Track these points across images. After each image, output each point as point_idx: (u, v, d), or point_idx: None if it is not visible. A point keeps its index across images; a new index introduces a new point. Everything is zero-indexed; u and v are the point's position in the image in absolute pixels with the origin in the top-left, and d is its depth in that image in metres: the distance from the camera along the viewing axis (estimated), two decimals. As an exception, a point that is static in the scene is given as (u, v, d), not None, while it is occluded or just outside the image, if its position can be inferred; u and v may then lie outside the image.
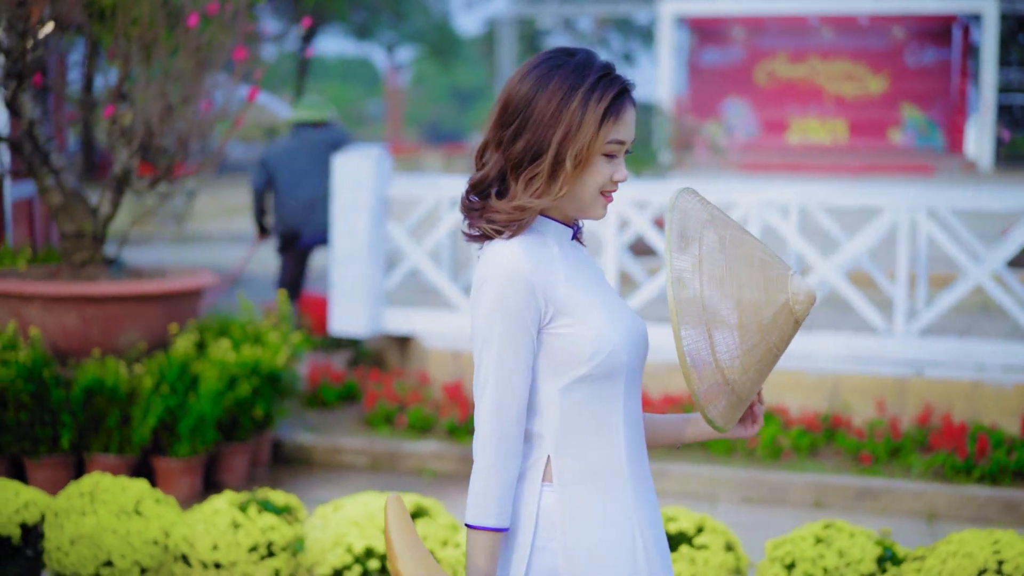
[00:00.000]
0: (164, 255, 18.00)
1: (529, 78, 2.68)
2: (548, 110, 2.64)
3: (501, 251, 2.64)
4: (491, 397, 2.63)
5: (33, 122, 7.73)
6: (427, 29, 42.06)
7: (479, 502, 2.63)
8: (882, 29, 33.97)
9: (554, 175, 2.65)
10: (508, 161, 2.68)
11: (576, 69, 2.67)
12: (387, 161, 9.42)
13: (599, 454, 2.71)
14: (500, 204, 2.67)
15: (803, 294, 2.71)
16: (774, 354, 2.73)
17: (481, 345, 2.65)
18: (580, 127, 2.63)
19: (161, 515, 5.34)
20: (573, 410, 2.69)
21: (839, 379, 8.31)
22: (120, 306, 7.56)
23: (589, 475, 2.70)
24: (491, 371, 2.63)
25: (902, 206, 8.41)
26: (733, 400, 2.71)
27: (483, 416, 2.65)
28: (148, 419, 7.21)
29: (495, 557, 2.65)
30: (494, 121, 2.71)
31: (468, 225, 2.74)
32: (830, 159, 31.87)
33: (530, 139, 2.65)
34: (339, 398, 8.97)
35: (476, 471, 2.65)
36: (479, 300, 2.64)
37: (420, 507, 5.27)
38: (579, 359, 2.66)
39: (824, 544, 4.96)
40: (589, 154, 2.65)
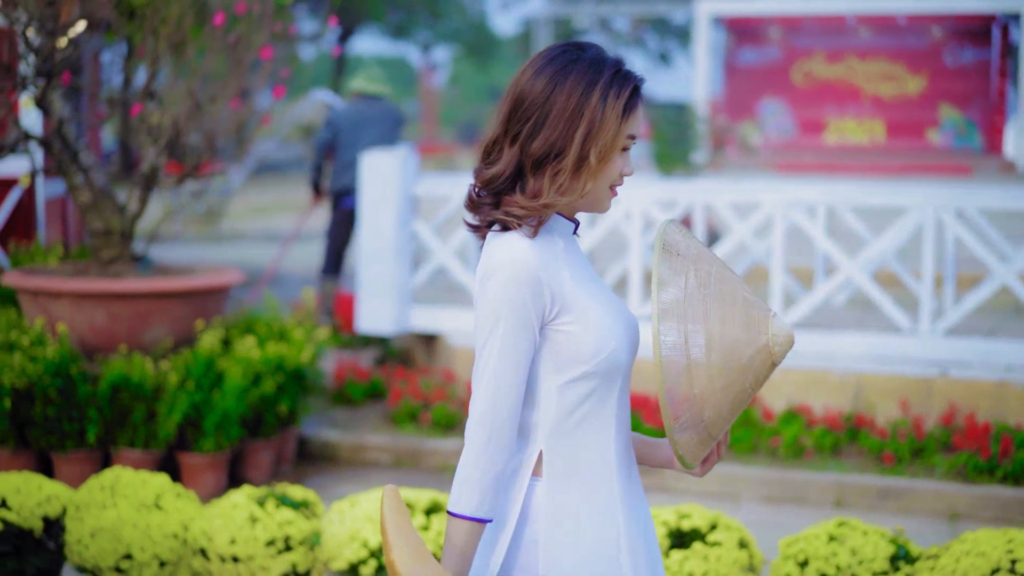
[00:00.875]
0: (198, 253, 18.11)
1: (544, 74, 2.68)
2: (568, 106, 2.65)
3: (511, 245, 2.65)
4: (488, 389, 2.64)
5: (63, 121, 7.80)
6: (463, 29, 42.11)
7: (463, 491, 2.65)
8: (920, 29, 33.76)
9: (578, 171, 2.67)
10: (528, 157, 2.67)
11: (592, 64, 2.69)
12: (413, 160, 9.47)
13: (590, 451, 2.73)
14: (522, 200, 2.67)
15: (782, 336, 2.72)
16: (748, 394, 2.74)
17: (485, 336, 2.65)
18: (602, 123, 2.65)
19: (181, 509, 5.39)
20: (570, 406, 2.71)
21: (863, 379, 8.30)
22: (147, 303, 7.63)
23: (578, 471, 2.72)
24: (491, 363, 2.64)
25: (928, 205, 8.39)
26: (704, 437, 2.71)
27: (478, 406, 2.66)
28: (173, 415, 7.28)
29: (473, 545, 2.66)
30: (505, 116, 2.71)
31: (473, 216, 2.75)
32: (867, 159, 31.70)
33: (550, 135, 2.65)
34: (365, 395, 9.02)
35: (465, 459, 2.66)
36: (486, 291, 2.65)
37: (436, 503, 5.30)
38: (581, 357, 2.68)
39: (837, 542, 4.96)
40: (611, 149, 2.68)
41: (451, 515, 2.67)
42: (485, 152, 2.75)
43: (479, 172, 2.75)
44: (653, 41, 41.34)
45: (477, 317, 2.69)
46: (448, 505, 2.67)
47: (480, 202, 2.73)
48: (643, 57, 41.05)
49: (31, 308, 7.73)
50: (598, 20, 36.58)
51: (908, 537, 6.76)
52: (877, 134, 34.49)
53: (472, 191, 2.76)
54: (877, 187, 9.41)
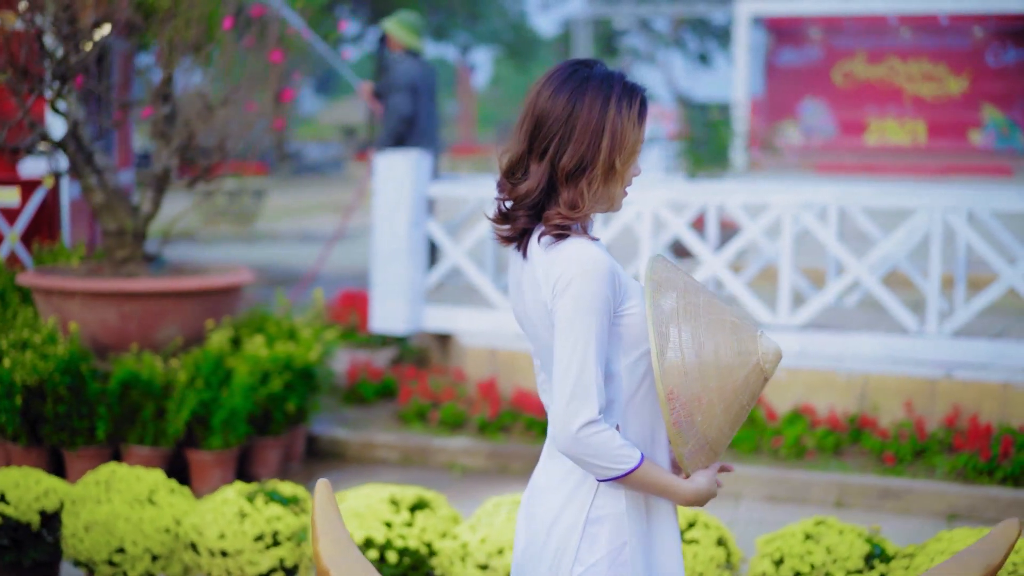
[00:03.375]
0: (230, 253, 18.28)
1: (562, 93, 2.92)
2: (592, 120, 2.90)
3: (584, 250, 2.87)
4: (580, 382, 2.83)
5: (78, 123, 7.95)
6: (502, 30, 42.21)
7: (613, 458, 2.85)
8: (962, 29, 33.57)
9: (608, 179, 2.94)
10: (560, 171, 2.91)
11: (603, 80, 2.94)
12: (427, 162, 9.56)
13: (650, 422, 3.01)
14: (564, 210, 2.92)
15: (771, 353, 2.98)
16: (746, 411, 3.01)
17: (572, 338, 2.84)
18: (623, 133, 2.92)
19: (173, 504, 5.50)
20: (636, 383, 2.97)
21: (870, 379, 8.33)
22: (158, 302, 7.76)
23: (644, 441, 2.99)
24: (578, 358, 2.83)
25: (936, 208, 8.41)
26: (709, 454, 3.00)
27: (584, 390, 2.83)
28: (182, 412, 7.40)
29: (660, 472, 2.93)
30: (528, 134, 2.95)
31: (504, 228, 3.00)
32: (908, 160, 31.55)
33: (578, 148, 2.90)
34: (377, 394, 9.13)
35: (586, 443, 2.84)
36: (572, 294, 2.84)
37: (422, 499, 5.39)
38: (643, 336, 2.94)
39: (813, 541, 5.02)
40: (633, 155, 2.96)
41: (628, 475, 2.88)
42: (510, 170, 2.98)
43: (506, 187, 2.99)
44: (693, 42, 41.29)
45: (563, 317, 2.85)
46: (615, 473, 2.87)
47: (514, 215, 2.97)
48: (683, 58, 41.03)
49: (45, 307, 7.87)
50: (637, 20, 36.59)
51: (906, 537, 6.82)
52: (918, 135, 34.31)
53: (501, 205, 3.00)
54: (888, 189, 9.43)
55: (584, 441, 2.83)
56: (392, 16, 10.76)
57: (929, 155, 32.56)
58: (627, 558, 2.96)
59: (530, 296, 2.98)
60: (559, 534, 2.98)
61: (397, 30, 10.49)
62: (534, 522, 3.06)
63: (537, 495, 3.08)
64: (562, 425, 2.83)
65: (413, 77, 10.22)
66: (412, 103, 10.17)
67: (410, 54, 10.42)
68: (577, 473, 2.98)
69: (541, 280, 2.92)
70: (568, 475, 3.00)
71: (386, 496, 5.34)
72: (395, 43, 10.58)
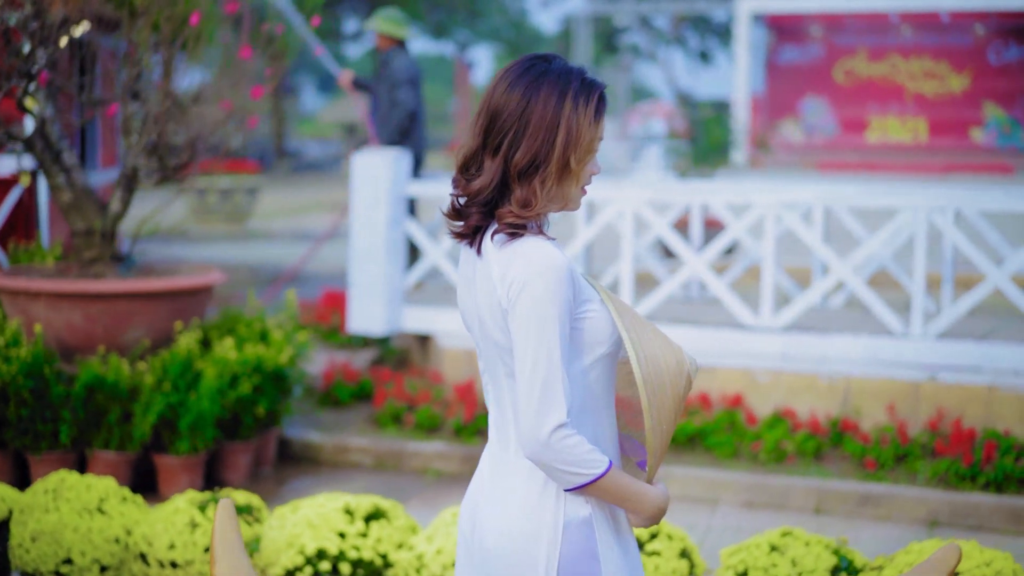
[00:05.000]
0: (223, 252, 18.14)
1: (517, 87, 2.83)
2: (546, 116, 2.80)
3: (539, 250, 2.78)
4: (548, 386, 2.73)
5: (45, 120, 7.80)
6: (503, 27, 42.02)
7: (582, 463, 2.74)
8: (964, 26, 33.37)
9: (562, 177, 2.84)
10: (513, 167, 2.81)
11: (560, 75, 2.84)
12: (405, 161, 9.41)
13: (604, 427, 2.92)
14: (515, 209, 2.82)
15: (695, 363, 2.98)
16: (677, 423, 2.98)
17: (534, 342, 2.74)
18: (578, 130, 2.82)
19: (124, 513, 5.36)
20: (590, 387, 2.87)
21: (852, 382, 8.18)
22: (124, 303, 7.61)
23: (596, 445, 2.87)
24: (543, 362, 2.74)
25: (920, 207, 8.24)
26: (659, 463, 2.97)
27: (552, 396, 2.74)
28: (148, 416, 7.25)
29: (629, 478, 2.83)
30: (482, 130, 2.85)
31: (457, 224, 2.89)
32: (910, 158, 31.37)
33: (531, 145, 2.80)
34: (353, 397, 8.97)
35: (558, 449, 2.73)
36: (529, 296, 2.75)
37: (378, 509, 5.24)
38: (602, 339, 2.86)
39: (778, 552, 4.86)
40: (587, 152, 2.85)
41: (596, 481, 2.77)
42: (464, 165, 2.88)
43: (460, 183, 2.89)
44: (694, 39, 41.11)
45: (521, 320, 2.76)
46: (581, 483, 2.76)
47: (467, 212, 2.87)
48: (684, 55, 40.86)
49: (11, 309, 7.73)
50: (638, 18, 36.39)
51: (885, 545, 6.67)
52: (920, 133, 34.10)
53: (455, 201, 2.89)
54: (872, 189, 9.27)
55: (555, 447, 2.72)
56: (374, 15, 10.71)
57: (930, 153, 32.37)
58: (599, 566, 2.85)
59: (483, 294, 2.87)
60: (522, 545, 2.85)
61: (384, 25, 10.47)
62: (489, 536, 2.91)
63: (488, 506, 2.94)
64: (532, 431, 2.73)
65: (414, 72, 10.31)
66: (415, 97, 10.27)
67: (401, 47, 10.40)
68: (537, 480, 2.85)
69: (496, 279, 2.82)
70: (527, 482, 2.87)
71: (341, 505, 5.19)
72: (385, 39, 10.54)
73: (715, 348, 8.50)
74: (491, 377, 2.97)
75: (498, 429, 2.97)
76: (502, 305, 2.81)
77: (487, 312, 2.87)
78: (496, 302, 2.83)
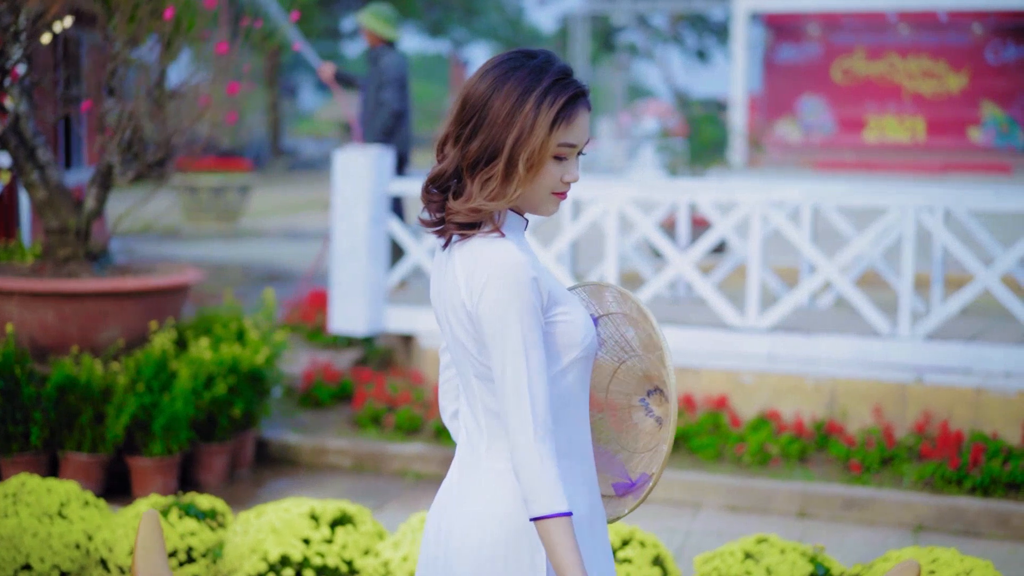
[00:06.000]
0: (214, 251, 18.02)
1: (487, 78, 2.72)
2: (502, 112, 2.68)
3: (497, 249, 2.68)
4: (527, 390, 2.64)
5: (19, 116, 7.68)
6: (499, 26, 41.88)
7: (546, 490, 2.61)
8: (962, 26, 33.26)
9: (508, 177, 2.69)
10: (464, 159, 2.71)
11: (533, 72, 2.71)
12: (387, 159, 9.28)
13: (577, 431, 2.81)
14: (456, 205, 2.70)
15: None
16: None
17: (502, 342, 2.65)
18: (532, 131, 2.67)
19: (85, 518, 5.24)
20: (564, 393, 2.77)
21: (838, 384, 8.06)
22: (98, 303, 7.49)
23: (571, 451, 2.79)
24: (521, 365, 2.64)
25: (908, 207, 8.12)
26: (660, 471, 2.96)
27: (523, 410, 2.64)
28: (121, 417, 7.13)
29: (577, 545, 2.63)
30: (454, 116, 2.74)
31: (424, 211, 2.80)
32: (907, 158, 31.27)
33: (484, 139, 2.69)
34: (334, 398, 8.84)
35: (527, 463, 2.62)
36: (490, 299, 2.65)
37: (345, 514, 5.12)
38: (574, 342, 2.75)
39: (753, 560, 4.74)
40: (540, 158, 2.69)
41: (549, 518, 2.61)
42: (438, 149, 2.80)
43: (431, 169, 2.79)
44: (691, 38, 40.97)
45: (487, 325, 2.67)
46: (539, 512, 2.61)
47: (430, 198, 2.78)
48: (681, 54, 40.72)
49: (-16, 308, 7.61)
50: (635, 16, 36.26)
51: (870, 549, 6.54)
52: (918, 132, 33.97)
53: (424, 186, 2.79)
54: (860, 188, 9.15)
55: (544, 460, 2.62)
56: (365, 10, 10.54)
57: (928, 152, 32.25)
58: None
59: (449, 292, 2.77)
60: (500, 552, 2.74)
61: (373, 22, 10.32)
62: (457, 541, 2.79)
63: (457, 510, 2.82)
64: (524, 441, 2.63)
65: (402, 71, 10.17)
66: (401, 98, 10.13)
67: (390, 45, 10.27)
68: (509, 481, 2.74)
69: (460, 280, 2.72)
70: (497, 484, 2.76)
71: (306, 510, 5.06)
72: (373, 37, 10.40)
73: (700, 349, 8.38)
74: (461, 375, 2.85)
75: (468, 431, 2.86)
76: (466, 307, 2.72)
77: (451, 310, 2.77)
78: (460, 302, 2.73)
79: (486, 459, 2.79)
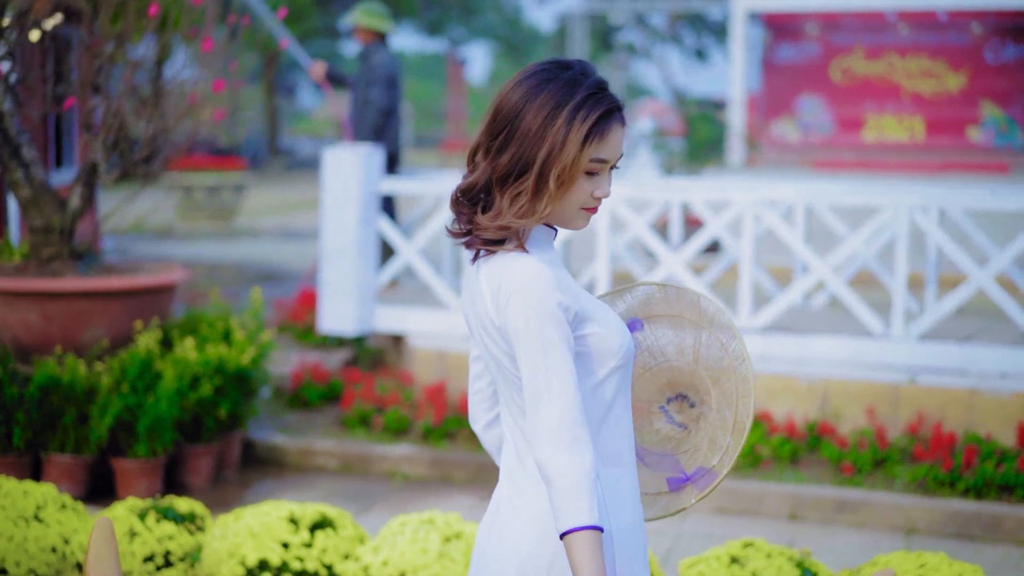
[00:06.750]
0: (208, 250, 17.94)
1: (520, 88, 2.67)
2: (534, 125, 2.63)
3: (521, 266, 2.65)
4: (559, 401, 2.60)
5: (3, 114, 7.59)
6: (497, 25, 41.78)
7: (575, 503, 2.54)
8: (961, 25, 33.21)
9: (538, 193, 2.65)
10: (494, 172, 2.67)
11: (566, 85, 2.66)
12: (377, 157, 9.20)
13: (621, 440, 2.78)
14: (485, 220, 2.67)
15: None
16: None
17: (528, 356, 2.62)
18: (563, 146, 2.62)
19: (62, 521, 5.15)
20: (606, 403, 2.74)
21: (831, 385, 7.97)
22: (82, 302, 7.41)
23: (617, 458, 2.77)
24: (552, 377, 2.61)
25: (902, 206, 8.04)
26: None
27: (552, 421, 2.59)
28: (105, 418, 7.05)
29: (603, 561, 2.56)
30: (485, 126, 2.72)
31: (454, 222, 2.76)
32: (906, 157, 31.23)
33: (515, 153, 2.65)
34: (322, 398, 8.75)
35: (559, 474, 2.56)
36: (515, 315, 2.63)
37: (325, 517, 5.04)
38: (610, 351, 2.72)
39: (739, 565, 4.66)
40: (572, 174, 2.64)
41: (575, 532, 2.53)
42: (469, 159, 2.76)
43: (463, 179, 2.77)
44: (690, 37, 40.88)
45: (514, 340, 2.65)
46: (567, 526, 2.53)
47: (459, 208, 2.74)
48: (680, 54, 40.63)
49: (-34, 308, 7.52)
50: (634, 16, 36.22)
51: (861, 553, 6.46)
52: (917, 132, 33.90)
53: (454, 196, 2.76)
54: (853, 187, 9.07)
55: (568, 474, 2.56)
56: (354, 9, 10.47)
57: (927, 152, 32.19)
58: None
59: (478, 304, 2.75)
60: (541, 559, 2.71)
61: (366, 19, 10.27)
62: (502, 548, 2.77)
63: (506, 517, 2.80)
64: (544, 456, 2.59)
65: (392, 70, 10.09)
66: (390, 96, 10.06)
67: (381, 43, 10.20)
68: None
69: (487, 296, 2.70)
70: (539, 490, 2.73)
71: (285, 514, 4.98)
72: (366, 33, 10.33)
73: (692, 349, 8.28)
74: (500, 389, 2.82)
75: (515, 442, 2.82)
76: (495, 323, 2.70)
77: (481, 326, 2.76)
78: (489, 318, 2.71)
79: (534, 471, 2.75)
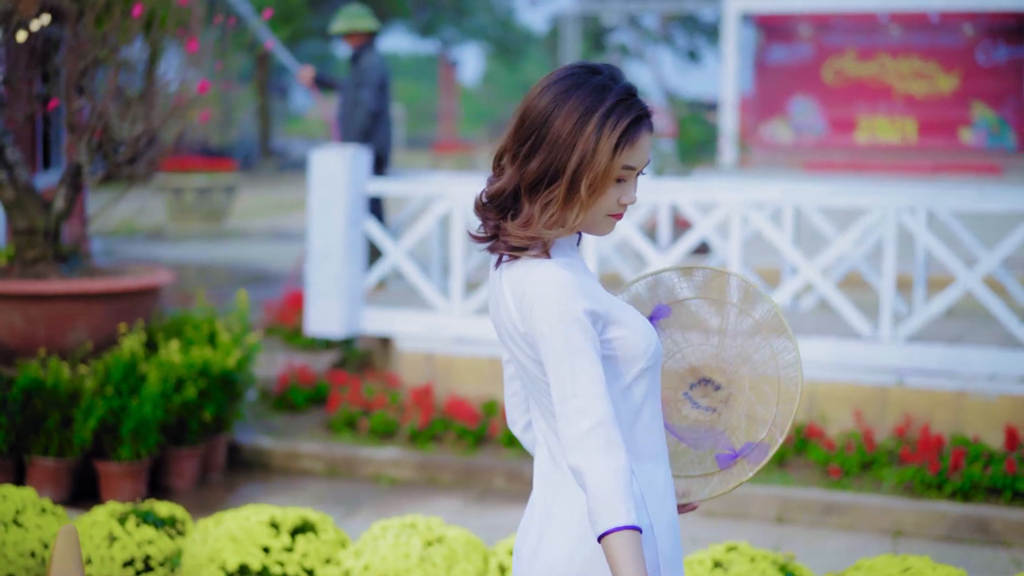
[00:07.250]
0: (198, 252, 17.90)
1: (548, 94, 2.64)
2: (563, 131, 2.60)
3: (544, 272, 2.62)
4: (589, 406, 2.57)
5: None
6: (490, 26, 41.72)
7: (613, 505, 2.50)
8: (953, 26, 33.17)
9: (569, 201, 2.62)
10: (523, 179, 2.65)
11: (595, 90, 2.63)
12: (364, 158, 9.17)
13: (653, 437, 2.78)
14: (514, 228, 2.65)
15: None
16: None
17: (562, 362, 2.59)
18: (595, 154, 2.60)
19: (42, 526, 5.11)
20: (636, 405, 2.73)
21: (818, 387, 7.95)
22: (66, 305, 7.38)
23: (650, 455, 2.76)
24: (580, 382, 2.58)
25: (889, 207, 8.02)
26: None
27: (583, 425, 2.56)
28: (89, 421, 7.02)
29: (643, 560, 2.51)
30: (512, 131, 2.68)
31: (481, 228, 2.74)
32: (898, 158, 31.18)
33: (545, 159, 2.62)
34: (308, 401, 8.72)
35: (594, 477, 2.52)
36: (539, 321, 2.61)
37: (307, 522, 5.01)
38: (637, 354, 2.70)
39: (722, 569, 4.63)
40: (603, 181, 2.62)
41: (612, 533, 2.49)
42: (495, 163, 2.74)
43: (489, 180, 2.74)
44: (682, 38, 40.84)
45: (540, 347, 2.62)
46: (603, 528, 2.49)
47: (485, 214, 2.72)
48: (672, 54, 40.58)
49: (-50, 310, 7.49)
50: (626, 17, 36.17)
51: (848, 555, 6.44)
52: (909, 133, 33.87)
53: (479, 200, 2.73)
54: (840, 188, 9.04)
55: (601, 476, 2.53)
56: (337, 17, 10.42)
57: (919, 153, 32.15)
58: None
59: (502, 311, 2.73)
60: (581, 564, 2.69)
61: (350, 23, 10.20)
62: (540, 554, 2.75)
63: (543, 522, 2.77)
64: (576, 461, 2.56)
65: (383, 73, 10.07)
66: (379, 99, 10.03)
67: (371, 45, 10.16)
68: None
69: (510, 303, 2.69)
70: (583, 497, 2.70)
71: (266, 518, 4.94)
72: (354, 37, 10.27)
73: (679, 351, 8.25)
74: (531, 394, 2.80)
75: (549, 447, 2.80)
76: (519, 328, 2.68)
77: (507, 333, 2.74)
78: (514, 325, 2.70)
79: (569, 472, 2.73)
